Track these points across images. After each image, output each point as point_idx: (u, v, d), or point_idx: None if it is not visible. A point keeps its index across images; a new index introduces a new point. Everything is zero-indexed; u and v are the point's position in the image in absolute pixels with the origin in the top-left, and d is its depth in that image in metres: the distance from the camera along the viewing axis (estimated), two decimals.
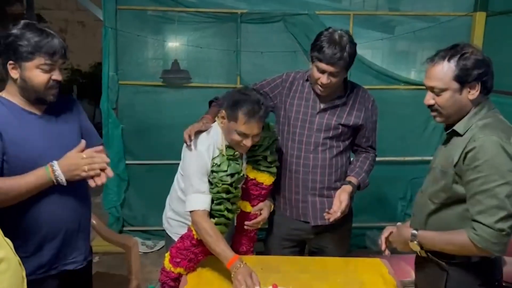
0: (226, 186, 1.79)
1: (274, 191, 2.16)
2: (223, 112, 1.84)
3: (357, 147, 2.19)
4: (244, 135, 1.79)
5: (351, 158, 2.22)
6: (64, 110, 1.72)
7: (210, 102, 2.15)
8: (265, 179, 2.01)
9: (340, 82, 1.99)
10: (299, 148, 2.08)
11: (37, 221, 1.59)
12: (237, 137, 1.80)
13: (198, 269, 1.89)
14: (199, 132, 1.85)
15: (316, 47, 1.90)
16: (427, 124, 3.89)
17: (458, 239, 1.47)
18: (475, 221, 1.42)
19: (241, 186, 1.95)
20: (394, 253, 1.80)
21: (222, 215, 1.83)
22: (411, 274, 2.51)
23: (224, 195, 1.81)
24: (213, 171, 1.82)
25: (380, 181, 3.66)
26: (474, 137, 1.46)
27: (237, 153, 1.86)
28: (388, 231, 1.79)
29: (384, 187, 3.89)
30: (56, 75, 1.57)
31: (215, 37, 3.88)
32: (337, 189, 2.02)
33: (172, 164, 3.42)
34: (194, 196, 1.80)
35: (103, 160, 1.52)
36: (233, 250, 1.78)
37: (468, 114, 1.54)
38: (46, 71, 1.54)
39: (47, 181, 1.51)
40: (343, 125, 2.05)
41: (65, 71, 8.33)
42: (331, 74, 1.90)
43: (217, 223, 1.82)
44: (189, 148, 1.83)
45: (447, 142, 1.61)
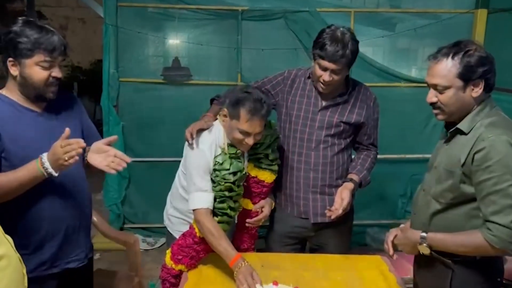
0: (229, 184, 1.79)
1: (275, 188, 2.16)
2: (225, 111, 1.83)
3: (358, 144, 2.19)
4: (246, 134, 1.78)
5: (353, 155, 2.22)
6: (65, 107, 1.71)
7: (212, 100, 2.14)
8: (267, 177, 2.00)
9: (342, 80, 1.99)
10: (300, 146, 2.08)
11: (38, 219, 1.59)
12: (239, 136, 1.79)
13: (199, 266, 1.89)
14: (201, 131, 1.85)
15: (318, 45, 1.89)
16: (428, 122, 3.88)
17: (473, 240, 1.45)
18: (490, 221, 1.40)
19: (242, 184, 1.96)
20: (395, 251, 1.80)
21: (225, 213, 1.83)
22: (411, 271, 2.51)
23: (227, 193, 1.81)
24: (215, 169, 1.82)
25: (380, 178, 3.65)
26: (482, 136, 1.44)
27: (239, 151, 1.86)
28: (392, 234, 1.74)
29: (384, 184, 3.89)
30: (56, 72, 1.57)
31: (216, 34, 3.88)
32: (338, 186, 2.02)
33: (172, 161, 3.43)
34: (196, 194, 1.80)
35: (78, 144, 1.44)
36: (234, 247, 1.78)
37: (471, 112, 1.52)
38: (46, 68, 1.54)
39: (37, 174, 1.47)
40: (344, 122, 2.04)
41: (66, 68, 8.33)
42: (333, 71, 1.89)
43: (220, 222, 1.82)
44: (191, 146, 1.83)
45: (449, 140, 1.59)
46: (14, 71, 1.54)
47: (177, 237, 1.95)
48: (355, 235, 3.68)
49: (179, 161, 2.00)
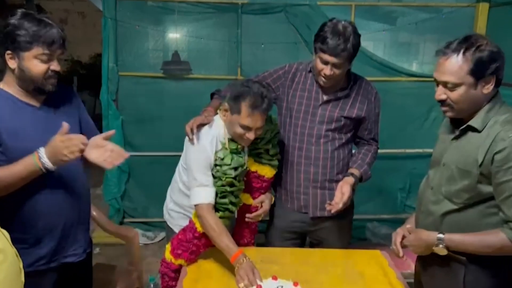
0: (230, 179, 1.79)
1: (276, 183, 2.16)
2: (225, 105, 1.82)
3: (359, 139, 2.18)
4: (247, 128, 1.78)
5: (353, 150, 2.21)
6: (63, 102, 1.70)
7: (212, 94, 2.13)
8: (267, 172, 2.00)
9: (344, 74, 1.97)
10: (301, 140, 2.07)
11: (36, 213, 1.58)
12: (240, 130, 1.79)
13: (198, 261, 1.89)
14: (201, 125, 1.84)
15: (319, 38, 1.88)
16: (428, 116, 3.88)
17: (495, 240, 1.42)
18: None
19: (243, 179, 1.95)
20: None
21: (226, 209, 1.83)
22: (411, 266, 2.51)
23: (228, 188, 1.81)
24: (216, 164, 1.81)
25: (379, 172, 3.64)
26: (501, 135, 1.39)
27: (240, 146, 1.85)
28: (400, 234, 1.69)
29: (383, 179, 3.87)
30: (55, 66, 1.56)
31: (216, 28, 3.86)
32: (338, 181, 2.01)
33: (172, 156, 3.42)
34: (198, 189, 1.80)
35: (80, 140, 1.45)
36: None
37: (483, 109, 1.47)
38: (44, 61, 1.53)
39: (35, 169, 1.46)
40: (345, 117, 2.03)
41: (65, 62, 8.31)
42: (334, 65, 1.88)
43: (221, 217, 1.82)
44: (191, 142, 1.82)
45: (458, 137, 1.53)
46: (12, 64, 1.53)
47: (177, 231, 1.95)
48: (355, 229, 3.67)
49: (179, 155, 1.99)
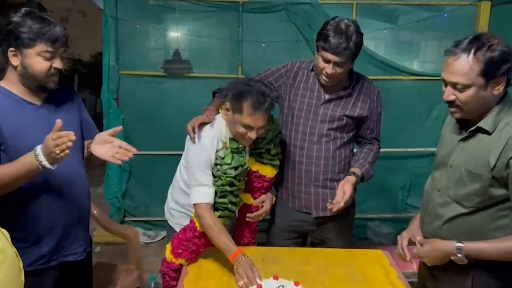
0: (230, 179, 1.78)
1: (277, 182, 2.15)
2: (227, 104, 1.81)
3: (361, 138, 2.17)
4: (249, 127, 1.77)
5: (355, 149, 2.20)
6: (64, 100, 1.70)
7: (214, 93, 2.12)
8: (268, 171, 1.99)
9: (346, 73, 1.96)
10: (302, 139, 2.06)
11: (37, 212, 1.58)
12: (241, 130, 1.78)
13: (199, 260, 1.88)
14: (202, 124, 1.83)
15: (322, 36, 1.87)
16: (429, 115, 3.87)
17: None
18: None
19: (243, 179, 1.95)
20: (396, 245, 1.78)
21: (226, 208, 1.82)
22: (412, 265, 2.50)
23: (228, 188, 1.80)
24: (216, 164, 1.81)
25: (380, 171, 3.64)
26: None
27: (241, 146, 1.84)
28: (406, 238, 1.67)
29: (384, 177, 3.87)
30: (57, 63, 1.56)
31: (217, 26, 3.85)
32: (340, 180, 2.00)
33: (173, 155, 3.42)
34: (197, 189, 1.80)
35: (69, 137, 1.39)
36: (234, 241, 1.77)
37: (493, 110, 1.43)
38: (47, 59, 1.53)
39: (32, 167, 1.43)
40: (347, 116, 2.03)
41: (67, 60, 8.31)
42: (336, 64, 1.87)
43: (221, 216, 1.82)
44: (193, 140, 1.81)
45: (467, 138, 1.49)
46: (15, 61, 1.53)
47: (178, 230, 1.94)
48: (356, 228, 3.67)
49: (180, 154, 1.98)
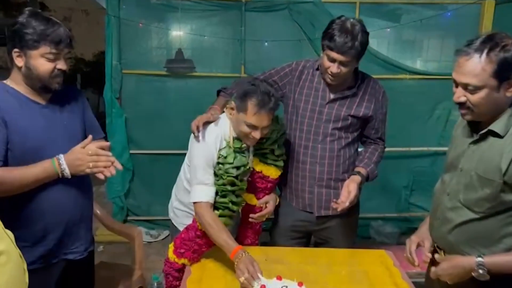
0: (231, 178, 1.78)
1: (281, 181, 2.14)
2: (232, 104, 1.81)
3: (366, 138, 2.16)
4: (253, 127, 1.76)
5: (359, 149, 2.20)
6: (69, 100, 1.71)
7: (218, 91, 2.12)
8: (272, 172, 1.99)
9: (351, 72, 1.96)
10: (307, 139, 2.05)
11: (39, 211, 1.59)
12: (246, 129, 1.77)
13: (201, 260, 1.88)
14: (207, 123, 1.83)
15: (327, 35, 1.86)
16: (432, 114, 3.87)
17: None
18: None
19: (247, 179, 1.94)
20: (399, 244, 1.77)
21: (226, 207, 1.82)
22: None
23: (229, 187, 1.80)
24: (219, 162, 1.80)
25: (383, 170, 3.63)
26: None
27: (244, 145, 1.84)
28: (414, 242, 1.64)
29: (387, 176, 3.86)
30: (61, 64, 1.56)
31: (219, 25, 3.85)
32: (344, 180, 2.00)
33: (176, 154, 3.42)
34: (198, 187, 1.79)
35: (108, 158, 1.53)
36: (238, 242, 1.76)
37: (505, 113, 1.39)
38: (51, 60, 1.54)
39: (53, 174, 1.52)
40: (352, 116, 2.02)
41: (69, 59, 8.33)
42: (341, 63, 1.86)
43: (221, 215, 1.81)
44: (196, 139, 1.81)
45: (478, 141, 1.46)
46: (19, 62, 1.54)
47: (182, 230, 1.94)
48: (359, 228, 3.65)
49: (183, 153, 1.98)
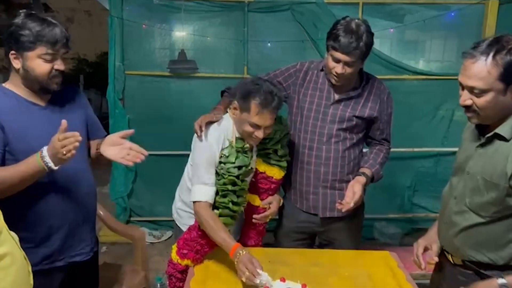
0: (232, 178, 1.77)
1: (285, 182, 2.14)
2: (235, 103, 1.81)
3: (371, 139, 2.16)
4: (257, 126, 1.76)
5: (364, 150, 2.19)
6: (69, 100, 1.71)
7: (222, 92, 2.12)
8: (275, 173, 1.98)
9: (356, 73, 1.95)
10: (311, 139, 2.05)
11: (42, 212, 1.59)
12: (249, 129, 1.77)
13: (205, 261, 1.88)
14: (210, 123, 1.83)
15: (332, 36, 1.86)
16: (435, 114, 3.85)
17: None
18: None
19: (250, 180, 1.94)
20: (403, 245, 1.77)
21: (226, 207, 1.81)
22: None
23: (230, 187, 1.79)
24: (221, 162, 1.80)
25: (386, 170, 3.61)
26: None
27: (246, 145, 1.84)
28: (421, 246, 1.65)
29: (390, 177, 3.85)
30: (59, 65, 1.56)
31: (222, 26, 3.84)
32: (349, 181, 1.99)
33: (179, 155, 3.42)
34: (198, 187, 1.79)
35: (76, 138, 1.40)
36: (241, 243, 1.76)
37: (511, 116, 1.39)
38: (48, 61, 1.53)
39: (38, 169, 1.43)
40: (357, 117, 2.01)
41: (72, 60, 8.35)
42: (346, 63, 1.86)
43: (221, 215, 1.80)
44: (199, 139, 1.81)
45: (485, 145, 1.45)
46: (16, 64, 1.53)
47: (185, 230, 1.94)
48: (362, 228, 3.67)
49: (186, 154, 1.98)
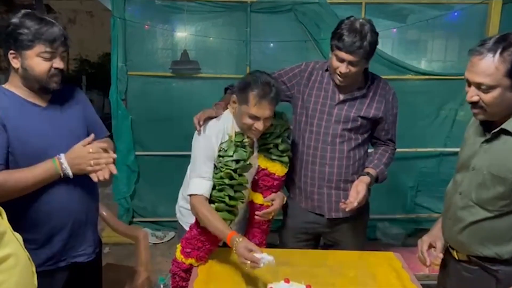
0: (229, 171, 1.77)
1: (290, 182, 2.14)
2: (233, 97, 1.83)
3: (376, 140, 2.15)
4: (256, 118, 1.77)
5: (369, 150, 2.18)
6: (69, 100, 1.71)
7: (226, 89, 2.12)
8: (277, 169, 1.97)
9: (360, 72, 1.95)
10: (316, 140, 2.04)
11: (45, 212, 1.59)
12: (248, 121, 1.78)
13: (208, 262, 1.87)
14: (209, 118, 1.84)
15: (336, 35, 1.86)
16: (438, 114, 3.84)
17: None
18: None
19: (252, 178, 1.94)
20: (406, 246, 1.76)
21: (222, 201, 1.80)
22: (424, 267, 2.48)
23: (227, 180, 1.78)
24: (219, 155, 1.80)
25: (389, 171, 3.60)
26: None
27: (246, 140, 1.84)
28: (426, 243, 1.67)
29: (393, 177, 3.82)
30: (57, 63, 1.56)
31: (225, 27, 3.84)
32: (353, 182, 1.98)
33: (182, 155, 3.42)
34: (195, 180, 1.80)
35: (110, 156, 1.51)
36: None
37: None
38: (47, 59, 1.53)
39: (54, 174, 1.51)
40: (362, 117, 2.01)
41: (74, 61, 8.36)
42: (350, 63, 1.86)
43: (217, 209, 1.80)
44: (198, 133, 1.83)
45: (491, 140, 1.46)
46: (15, 63, 1.54)
47: (187, 229, 1.93)
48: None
49: (189, 154, 1.97)
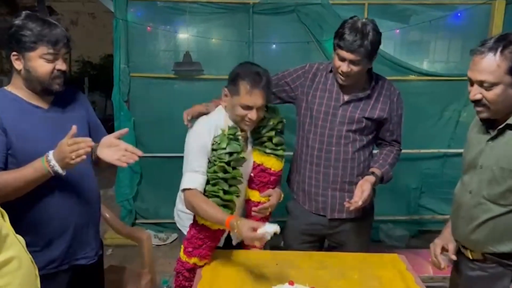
0: (222, 164, 1.76)
1: (294, 184, 2.13)
2: (225, 90, 1.84)
3: (381, 140, 2.15)
4: (248, 107, 1.77)
5: (374, 151, 2.17)
6: (71, 103, 1.71)
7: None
8: (273, 163, 1.95)
9: (363, 72, 1.94)
10: (321, 141, 2.04)
11: (47, 216, 1.58)
12: (241, 112, 1.78)
13: (212, 264, 1.87)
14: (201, 115, 1.87)
15: (338, 35, 1.87)
16: (441, 115, 3.82)
17: None
18: None
19: (248, 175, 1.93)
20: (410, 247, 1.75)
21: (216, 196, 1.79)
22: (428, 269, 2.47)
23: (220, 174, 1.78)
24: (213, 149, 1.80)
25: (393, 172, 3.60)
26: None
27: (238, 133, 1.84)
28: (438, 246, 1.67)
29: (396, 178, 3.80)
30: (60, 65, 1.56)
31: (227, 28, 3.83)
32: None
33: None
34: (188, 174, 1.79)
35: (87, 143, 1.43)
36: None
37: None
38: (50, 61, 1.54)
39: (44, 172, 1.45)
40: (367, 118, 2.00)
41: (76, 63, 8.37)
42: (351, 62, 1.86)
43: None
44: (190, 128, 1.84)
45: (496, 137, 1.50)
46: (18, 65, 1.54)
47: (186, 233, 1.93)
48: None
49: None
